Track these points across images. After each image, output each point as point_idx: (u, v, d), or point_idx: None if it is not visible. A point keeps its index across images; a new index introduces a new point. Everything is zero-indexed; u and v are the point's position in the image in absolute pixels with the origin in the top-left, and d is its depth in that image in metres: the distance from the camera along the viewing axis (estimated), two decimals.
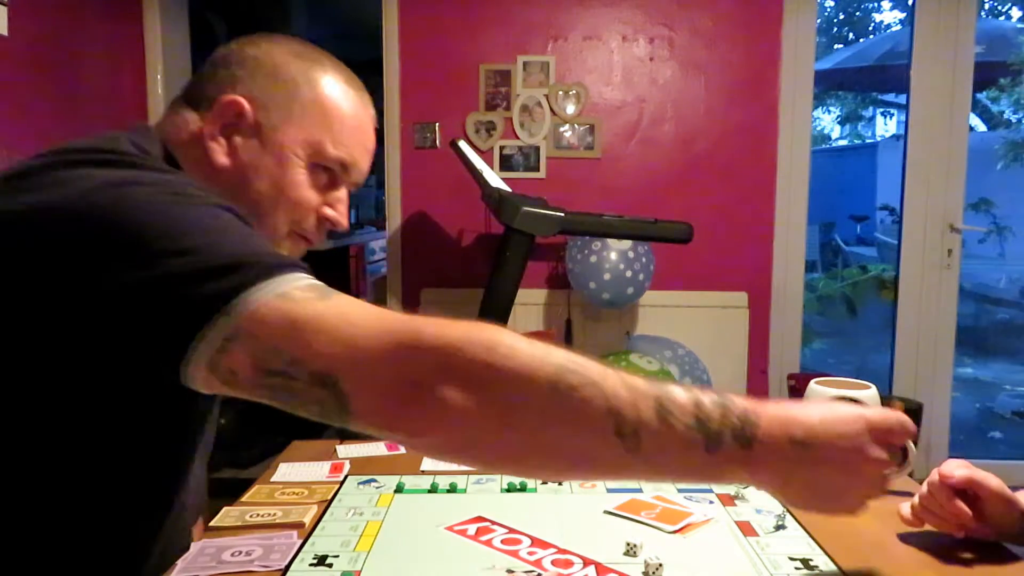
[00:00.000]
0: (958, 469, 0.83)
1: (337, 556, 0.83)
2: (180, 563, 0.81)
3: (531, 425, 0.61)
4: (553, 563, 0.81)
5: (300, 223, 0.88)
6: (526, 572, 0.79)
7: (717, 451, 0.63)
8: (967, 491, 0.83)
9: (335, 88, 0.88)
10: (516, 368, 0.61)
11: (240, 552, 0.83)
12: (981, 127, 8.71)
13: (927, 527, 0.87)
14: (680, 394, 0.64)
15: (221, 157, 0.84)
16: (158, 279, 0.62)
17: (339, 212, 0.91)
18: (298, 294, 0.62)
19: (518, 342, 0.62)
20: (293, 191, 0.86)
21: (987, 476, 0.84)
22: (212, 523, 0.91)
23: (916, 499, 0.87)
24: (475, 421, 0.60)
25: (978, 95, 7.69)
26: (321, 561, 0.82)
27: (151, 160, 0.77)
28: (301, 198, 0.87)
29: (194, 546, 0.85)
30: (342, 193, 0.91)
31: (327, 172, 0.88)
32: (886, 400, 1.03)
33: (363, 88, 0.92)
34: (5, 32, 2.26)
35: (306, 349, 0.60)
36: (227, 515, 0.93)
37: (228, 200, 0.74)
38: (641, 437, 0.62)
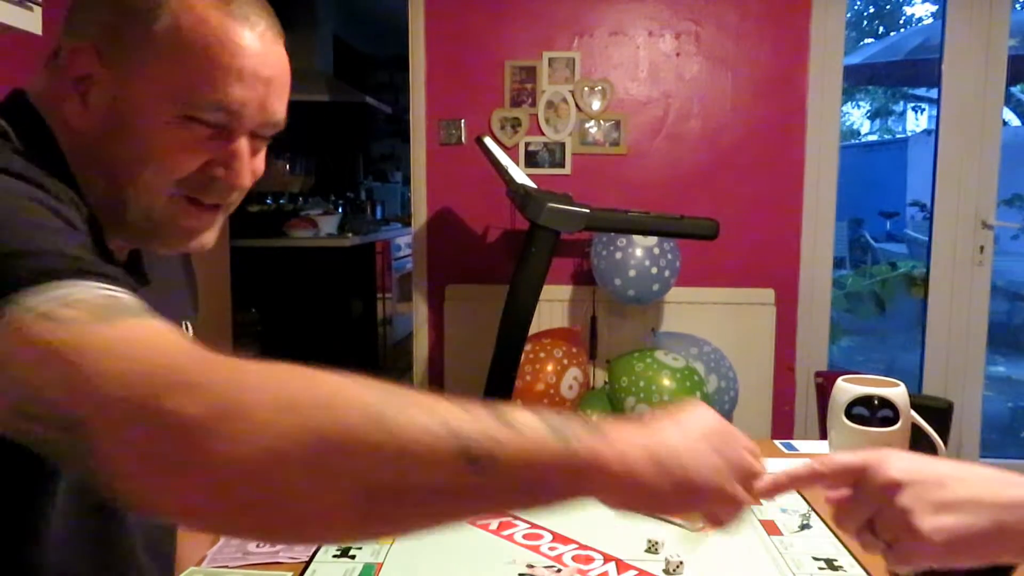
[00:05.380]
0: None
1: (360, 548, 0.84)
2: (209, 554, 0.82)
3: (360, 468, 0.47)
4: (574, 559, 0.81)
5: (185, 186, 0.72)
6: (546, 567, 0.79)
7: (568, 445, 0.52)
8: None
9: (194, 12, 0.69)
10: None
11: (265, 544, 0.84)
12: (1015, 121, 8.55)
13: None
14: (516, 409, 0.53)
15: (76, 119, 0.70)
16: None
17: (233, 170, 0.73)
18: (65, 313, 0.50)
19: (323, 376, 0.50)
20: (160, 154, 0.70)
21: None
22: None
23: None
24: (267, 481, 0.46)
25: (1012, 89, 7.54)
26: (344, 553, 0.83)
27: None
28: (173, 162, 0.70)
29: (221, 539, 0.86)
30: (237, 145, 0.73)
31: (208, 124, 0.71)
32: (913, 398, 1.02)
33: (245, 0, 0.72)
34: (39, 31, 2.30)
35: (51, 385, 0.48)
36: None
37: (96, 171, 0.70)
38: (489, 450, 0.50)
